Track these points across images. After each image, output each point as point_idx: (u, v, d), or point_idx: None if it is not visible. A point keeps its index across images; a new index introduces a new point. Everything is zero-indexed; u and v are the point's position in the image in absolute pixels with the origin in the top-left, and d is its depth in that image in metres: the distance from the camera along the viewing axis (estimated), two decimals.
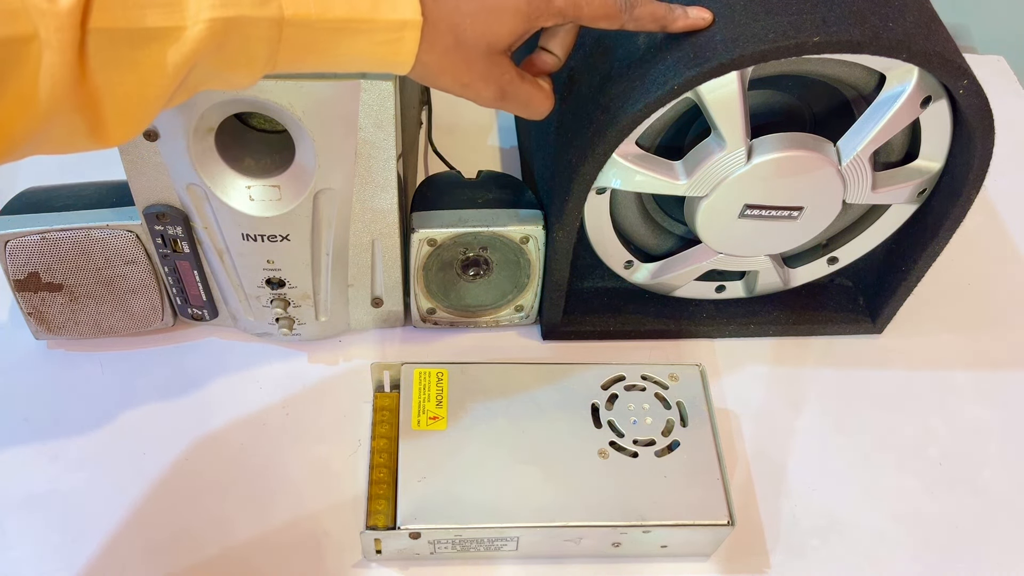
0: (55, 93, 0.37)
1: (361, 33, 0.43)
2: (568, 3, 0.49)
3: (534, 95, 0.52)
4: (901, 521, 0.64)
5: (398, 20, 0.43)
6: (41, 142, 0.39)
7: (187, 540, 0.60)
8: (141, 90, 0.40)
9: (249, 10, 0.40)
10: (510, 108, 0.52)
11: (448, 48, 0.46)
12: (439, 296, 0.69)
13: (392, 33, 0.44)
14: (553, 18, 0.49)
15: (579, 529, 0.56)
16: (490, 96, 0.50)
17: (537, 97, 0.52)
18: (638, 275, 0.71)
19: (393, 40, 0.44)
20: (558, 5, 0.48)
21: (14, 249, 0.61)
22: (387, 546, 0.57)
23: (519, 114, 0.53)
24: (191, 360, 0.69)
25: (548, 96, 0.53)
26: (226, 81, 0.43)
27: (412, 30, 0.44)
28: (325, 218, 0.60)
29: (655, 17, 0.52)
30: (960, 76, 0.54)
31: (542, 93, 0.52)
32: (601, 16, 0.50)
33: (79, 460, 0.63)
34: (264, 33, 0.41)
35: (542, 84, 0.53)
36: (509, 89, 0.50)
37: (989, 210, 0.85)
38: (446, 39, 0.46)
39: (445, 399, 0.60)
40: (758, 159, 0.58)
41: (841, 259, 0.71)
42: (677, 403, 0.61)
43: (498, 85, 0.50)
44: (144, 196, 0.59)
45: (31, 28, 0.35)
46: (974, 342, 0.75)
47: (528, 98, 0.52)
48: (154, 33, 0.38)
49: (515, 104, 0.51)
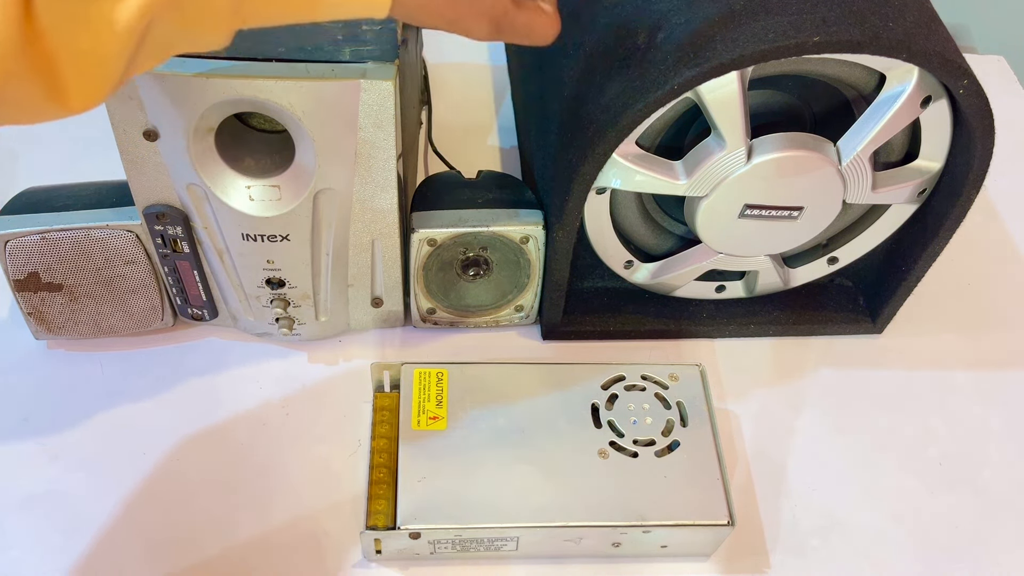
0: (3, 54, 0.34)
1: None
2: None
3: (534, 21, 0.46)
4: (901, 521, 0.64)
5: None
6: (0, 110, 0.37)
7: (187, 540, 0.60)
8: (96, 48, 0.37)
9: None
10: (509, 40, 0.47)
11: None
12: (439, 296, 0.69)
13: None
14: None
15: (579, 529, 0.56)
16: (484, 31, 0.45)
17: (538, 22, 0.47)
18: (638, 275, 0.71)
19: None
20: None
21: (14, 249, 0.61)
22: (387, 546, 0.57)
23: (522, 43, 0.47)
24: (191, 360, 0.69)
25: (552, 19, 0.47)
26: (193, 41, 0.39)
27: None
28: (325, 218, 0.60)
29: None
30: (960, 76, 0.54)
31: (544, 17, 0.47)
32: None
33: (79, 460, 0.63)
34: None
35: (543, 5, 0.47)
36: (504, 20, 0.45)
37: (989, 210, 0.85)
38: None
39: (445, 399, 0.60)
40: (758, 159, 0.59)
41: (841, 259, 0.71)
42: (677, 403, 0.61)
43: (490, 17, 0.44)
44: (144, 196, 0.59)
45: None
46: (974, 342, 0.75)
47: (528, 26, 0.46)
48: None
49: (514, 35, 0.46)
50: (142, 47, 0.38)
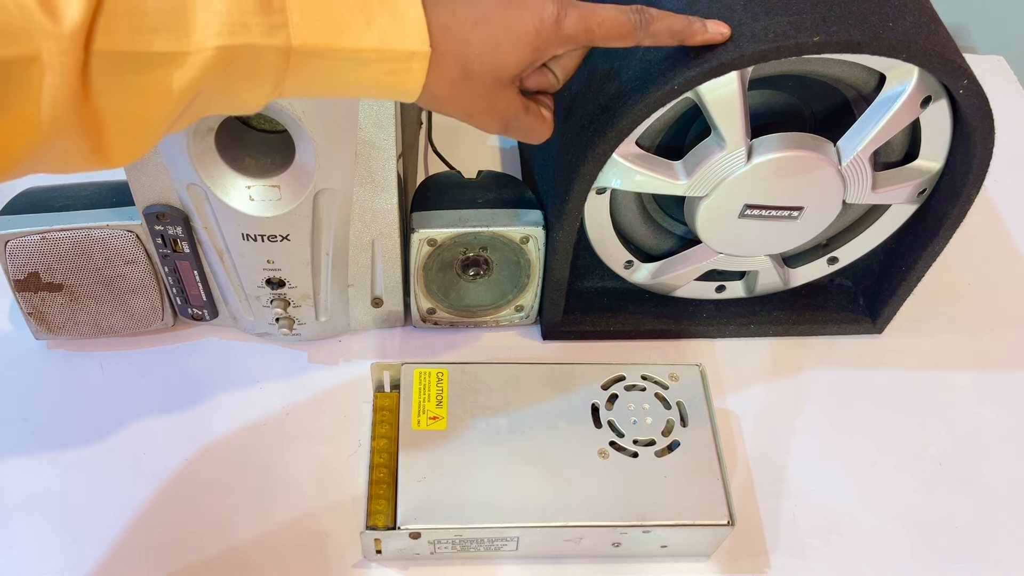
0: (57, 115, 0.36)
1: (369, 63, 0.42)
2: (579, 28, 0.47)
3: (535, 126, 0.52)
4: (901, 521, 0.64)
5: (406, 51, 0.43)
6: (42, 161, 0.39)
7: (187, 540, 0.60)
8: (145, 114, 0.39)
9: (257, 38, 0.39)
10: (512, 136, 0.52)
11: (455, 80, 0.45)
12: (439, 296, 0.69)
13: (400, 63, 0.43)
14: (564, 45, 0.48)
15: (579, 529, 0.56)
16: (494, 127, 0.50)
17: (538, 128, 0.52)
18: (638, 275, 0.71)
19: (401, 70, 0.43)
20: (568, 31, 0.47)
21: (14, 249, 0.61)
22: (387, 546, 0.57)
23: (519, 140, 0.53)
24: (191, 360, 0.69)
25: (549, 125, 0.52)
26: (232, 106, 0.42)
27: (420, 61, 0.43)
28: (325, 218, 0.60)
29: (673, 32, 0.50)
30: (960, 76, 0.54)
31: (543, 124, 0.52)
32: (615, 36, 0.48)
33: (79, 460, 0.63)
34: (271, 61, 0.40)
35: (544, 113, 0.52)
36: (513, 122, 0.50)
37: (989, 210, 0.85)
38: (453, 71, 0.45)
39: (445, 399, 0.60)
40: (758, 159, 0.58)
41: (841, 259, 0.71)
42: (677, 403, 0.61)
43: (502, 117, 0.49)
44: (144, 196, 0.59)
45: (34, 49, 0.35)
46: (974, 342, 0.75)
47: (530, 129, 0.51)
48: (160, 58, 0.38)
49: (517, 133, 0.51)
50: (186, 111, 0.41)
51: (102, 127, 0.38)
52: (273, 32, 0.40)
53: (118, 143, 0.39)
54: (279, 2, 0.40)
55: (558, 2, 0.47)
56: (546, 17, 0.46)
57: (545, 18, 0.46)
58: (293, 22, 0.40)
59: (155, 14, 0.37)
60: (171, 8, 0.37)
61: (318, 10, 0.41)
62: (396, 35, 0.42)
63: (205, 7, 0.38)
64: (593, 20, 0.48)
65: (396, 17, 0.42)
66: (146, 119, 0.39)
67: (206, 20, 0.38)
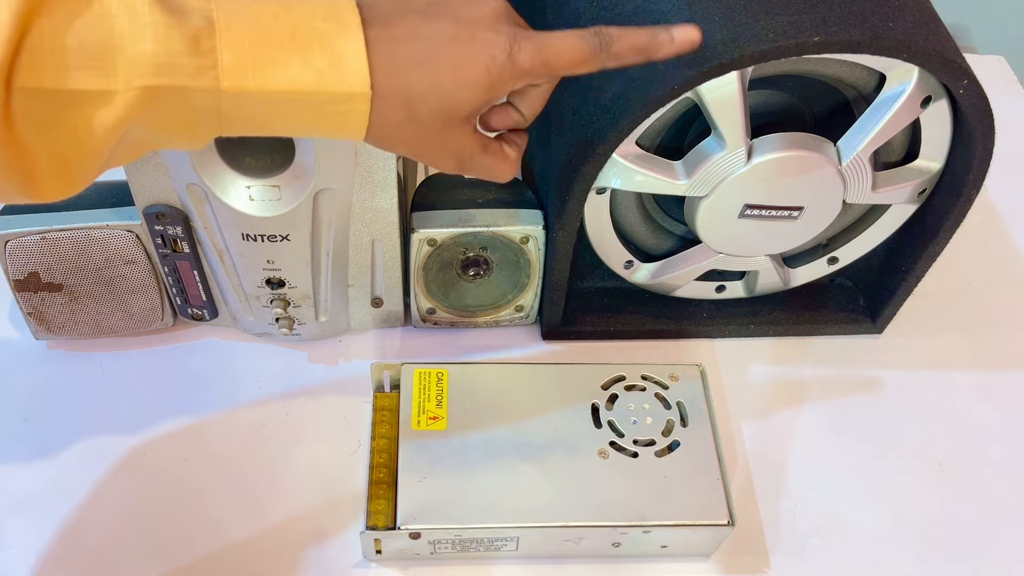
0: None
1: (307, 105, 0.41)
2: (535, 62, 0.44)
3: (496, 166, 0.49)
4: (901, 521, 0.64)
5: (345, 92, 0.41)
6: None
7: (187, 540, 0.60)
8: (74, 150, 0.38)
9: (183, 80, 0.38)
10: (471, 175, 0.49)
11: (400, 121, 0.43)
12: (439, 296, 0.69)
13: (339, 105, 0.41)
14: (520, 80, 0.45)
15: (579, 529, 0.56)
16: (448, 167, 0.47)
17: (499, 167, 0.49)
18: (638, 275, 0.71)
19: (341, 112, 0.42)
20: (523, 66, 0.44)
21: (14, 249, 0.61)
22: (387, 546, 0.57)
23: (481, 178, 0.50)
24: (191, 360, 0.69)
25: (512, 164, 0.49)
26: (172, 144, 0.41)
27: (360, 103, 0.41)
28: (325, 218, 0.60)
29: (637, 48, 0.46)
30: (960, 76, 0.54)
31: (505, 163, 0.49)
32: (576, 63, 0.45)
33: (79, 460, 0.63)
34: (201, 102, 0.39)
35: (507, 151, 0.49)
36: (468, 162, 0.47)
37: (989, 210, 0.85)
38: (398, 113, 0.43)
39: (445, 399, 0.60)
40: (758, 159, 0.59)
41: (841, 259, 0.71)
42: (677, 403, 0.61)
43: (456, 158, 0.47)
44: (144, 196, 0.59)
45: None
46: (974, 342, 0.75)
47: (490, 168, 0.49)
48: (83, 96, 0.37)
49: (475, 172, 0.49)
50: (119, 147, 0.40)
51: (32, 162, 0.38)
52: (201, 74, 0.38)
53: (50, 178, 0.39)
54: (209, 43, 0.38)
55: (510, 35, 0.44)
56: (497, 53, 0.43)
57: (496, 54, 0.43)
58: (223, 63, 0.39)
59: (80, 51, 0.36)
60: (97, 46, 0.37)
61: (251, 50, 0.39)
62: (335, 76, 0.40)
63: (132, 46, 0.37)
64: (550, 51, 0.44)
65: (335, 57, 0.40)
66: (76, 155, 0.38)
67: (132, 59, 0.37)
